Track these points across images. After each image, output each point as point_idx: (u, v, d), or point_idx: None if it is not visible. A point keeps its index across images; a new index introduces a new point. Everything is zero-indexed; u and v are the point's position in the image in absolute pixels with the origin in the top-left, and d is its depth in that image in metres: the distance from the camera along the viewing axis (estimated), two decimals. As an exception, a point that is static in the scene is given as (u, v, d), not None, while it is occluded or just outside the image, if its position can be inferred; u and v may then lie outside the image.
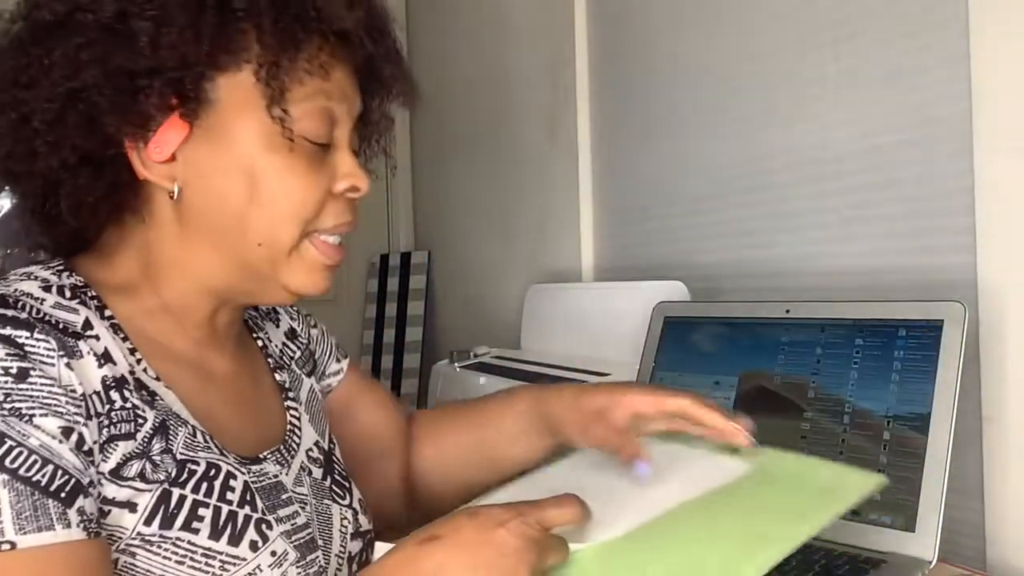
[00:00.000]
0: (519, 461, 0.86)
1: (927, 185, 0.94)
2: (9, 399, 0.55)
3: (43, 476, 0.54)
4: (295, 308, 0.89)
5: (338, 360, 0.91)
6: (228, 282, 0.68)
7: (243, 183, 0.64)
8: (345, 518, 0.75)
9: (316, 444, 0.77)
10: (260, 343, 0.80)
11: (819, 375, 0.88)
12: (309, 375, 0.84)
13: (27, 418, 0.55)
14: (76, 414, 0.57)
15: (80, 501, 0.55)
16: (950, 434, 0.77)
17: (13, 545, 0.52)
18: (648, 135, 1.36)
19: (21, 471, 0.53)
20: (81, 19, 0.61)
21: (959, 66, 0.89)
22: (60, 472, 0.55)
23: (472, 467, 0.89)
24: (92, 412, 0.58)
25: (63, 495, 0.54)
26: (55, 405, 0.56)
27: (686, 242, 1.29)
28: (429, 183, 2.17)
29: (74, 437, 0.56)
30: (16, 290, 0.61)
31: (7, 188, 0.68)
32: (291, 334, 0.86)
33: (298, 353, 0.85)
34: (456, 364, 1.44)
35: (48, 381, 0.56)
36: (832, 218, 1.05)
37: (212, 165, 0.64)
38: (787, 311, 0.93)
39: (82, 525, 0.55)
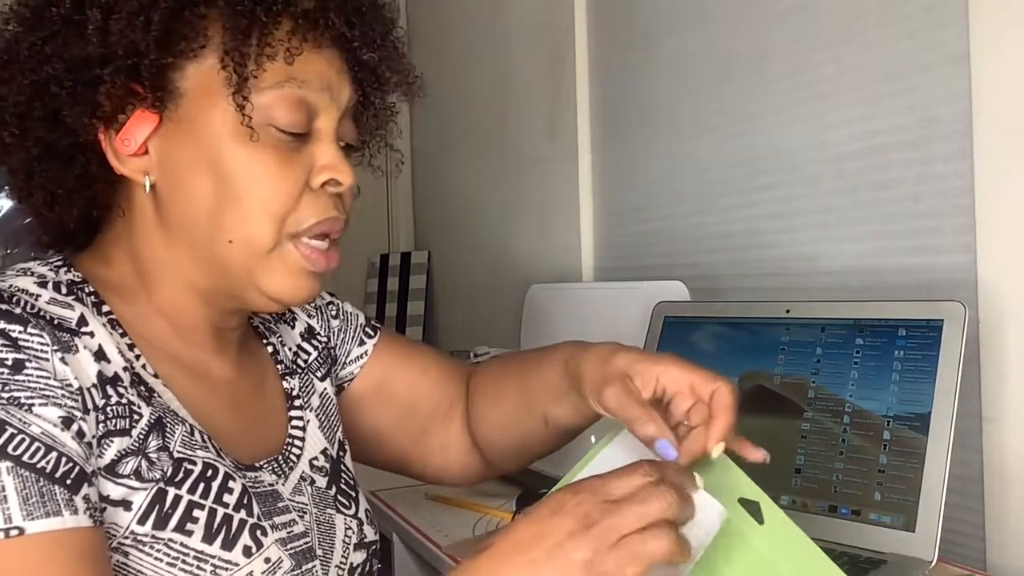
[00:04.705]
0: (565, 421, 0.77)
1: (927, 185, 0.94)
2: (7, 388, 0.54)
3: (47, 463, 0.54)
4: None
5: (363, 341, 0.86)
6: (209, 282, 0.67)
7: (210, 176, 0.63)
8: (349, 528, 0.73)
9: (323, 452, 0.75)
10: (271, 348, 0.79)
11: (819, 375, 0.88)
12: (324, 378, 0.81)
13: (26, 407, 0.54)
14: (74, 407, 0.57)
15: (85, 488, 0.55)
16: (950, 434, 0.77)
17: (22, 531, 0.52)
18: (648, 135, 1.36)
19: (25, 458, 0.53)
20: (47, 13, 0.62)
21: (959, 66, 0.89)
22: (64, 459, 0.54)
23: (523, 423, 0.81)
24: (90, 406, 0.58)
25: (68, 482, 0.54)
26: (53, 396, 0.56)
27: (686, 242, 1.29)
28: (429, 183, 2.16)
29: (74, 427, 0.56)
30: (11, 285, 0.61)
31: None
32: (308, 334, 0.83)
33: (314, 355, 0.82)
34: (456, 364, 1.43)
35: (44, 374, 0.56)
36: (832, 218, 1.05)
37: (181, 157, 0.63)
38: (787, 311, 0.93)
39: (88, 512, 0.55)
